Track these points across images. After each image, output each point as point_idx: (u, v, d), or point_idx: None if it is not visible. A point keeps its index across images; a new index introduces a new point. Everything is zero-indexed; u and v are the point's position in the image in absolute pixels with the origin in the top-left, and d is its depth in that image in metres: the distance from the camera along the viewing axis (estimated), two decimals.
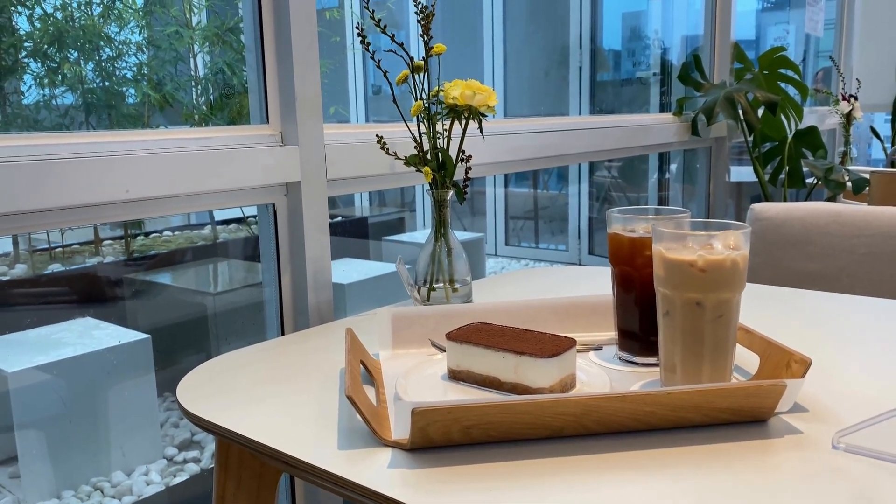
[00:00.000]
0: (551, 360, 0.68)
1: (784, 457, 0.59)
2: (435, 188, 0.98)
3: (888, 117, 4.12)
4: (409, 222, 5.11)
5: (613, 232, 0.80)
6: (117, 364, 1.98)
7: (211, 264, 2.82)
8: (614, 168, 4.73)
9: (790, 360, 0.68)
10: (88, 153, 0.85)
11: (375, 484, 0.56)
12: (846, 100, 2.94)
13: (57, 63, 2.45)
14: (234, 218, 3.25)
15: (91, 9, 2.56)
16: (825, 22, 3.62)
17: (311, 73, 1.05)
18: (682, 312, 0.67)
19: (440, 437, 0.60)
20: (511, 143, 1.50)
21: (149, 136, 0.92)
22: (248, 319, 2.43)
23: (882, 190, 1.91)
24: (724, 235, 0.67)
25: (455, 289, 1.00)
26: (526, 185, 5.31)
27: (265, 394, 0.75)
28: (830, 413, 0.66)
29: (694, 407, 0.62)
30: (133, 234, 2.88)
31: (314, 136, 1.07)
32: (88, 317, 2.18)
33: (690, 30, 4.11)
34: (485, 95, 0.96)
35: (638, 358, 0.79)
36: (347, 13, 4.65)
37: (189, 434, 2.21)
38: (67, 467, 1.91)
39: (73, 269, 2.59)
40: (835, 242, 1.43)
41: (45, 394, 1.86)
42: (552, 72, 4.98)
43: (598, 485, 0.55)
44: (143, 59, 2.71)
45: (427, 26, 0.94)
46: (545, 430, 0.61)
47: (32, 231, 0.96)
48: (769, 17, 5.34)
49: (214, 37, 2.83)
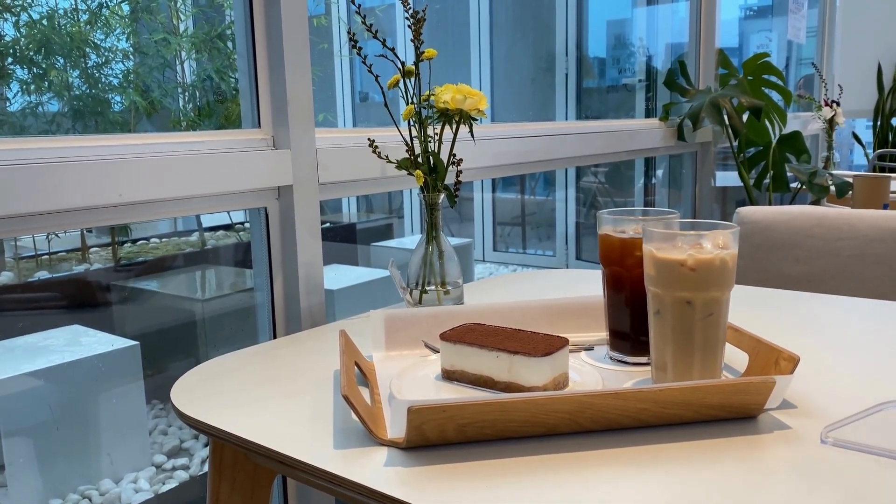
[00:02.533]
0: (544, 358, 0.68)
1: (774, 451, 0.60)
2: (426, 191, 0.99)
3: (869, 123, 4.18)
4: (398, 228, 5.12)
5: (604, 233, 0.81)
6: (105, 371, 1.97)
7: (199, 271, 2.81)
8: (601, 173, 4.76)
9: (778, 357, 0.69)
10: (82, 157, 0.85)
11: (372, 482, 0.56)
12: (829, 105, 2.98)
13: (43, 70, 2.44)
14: (222, 224, 3.24)
15: (78, 15, 2.55)
16: (807, 30, 3.67)
17: (302, 77, 1.06)
18: (672, 311, 0.68)
19: (435, 435, 0.61)
20: (499, 147, 1.51)
21: (142, 140, 0.92)
22: (236, 325, 2.42)
23: (865, 194, 1.94)
24: (714, 235, 0.68)
25: (447, 291, 1.01)
26: (513, 190, 5.33)
27: (260, 395, 0.75)
28: (818, 409, 0.67)
29: (685, 403, 0.63)
30: (120, 242, 2.87)
31: (306, 140, 1.07)
32: (76, 324, 2.17)
33: (674, 37, 4.16)
34: (475, 99, 0.97)
35: (629, 357, 0.80)
36: (334, 20, 4.66)
37: (178, 441, 2.20)
38: (55, 476, 1.89)
39: (60, 276, 2.57)
40: (819, 245, 1.45)
41: (32, 401, 1.85)
42: (539, 78, 5.01)
43: (594, 480, 0.56)
44: (130, 65, 2.70)
45: (418, 31, 0.95)
46: (539, 427, 0.62)
47: (27, 234, 0.96)
48: (752, 25, 5.40)
49: (202, 43, 2.83)
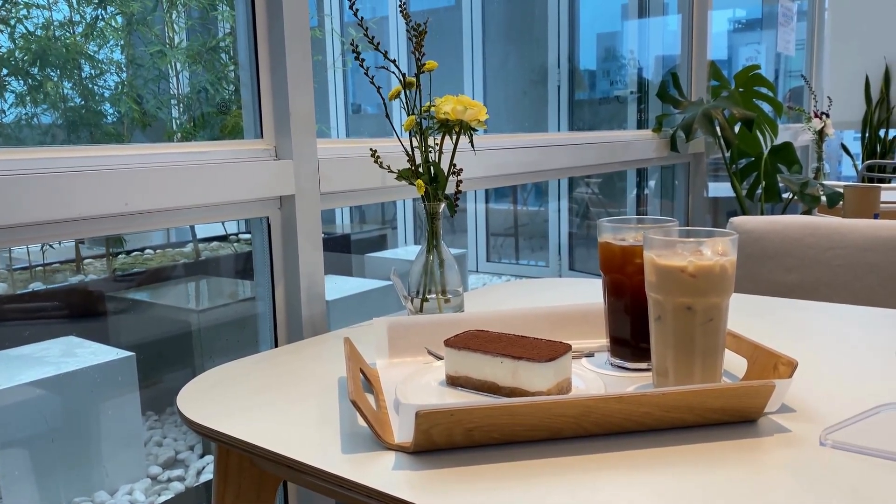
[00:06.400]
0: (548, 364, 0.69)
1: (774, 454, 0.61)
2: (427, 201, 1.00)
3: (857, 135, 4.23)
4: (391, 239, 5.12)
5: (604, 241, 0.82)
6: (101, 382, 1.97)
7: (194, 282, 2.81)
8: (593, 184, 4.79)
9: (777, 362, 0.71)
10: (89, 166, 0.86)
11: (383, 485, 0.57)
12: (818, 117, 3.02)
13: (39, 81, 2.44)
14: (217, 236, 3.24)
15: (73, 28, 2.56)
16: (795, 43, 3.72)
17: (304, 87, 1.07)
18: (673, 317, 0.69)
19: (443, 439, 0.62)
20: (497, 158, 1.53)
21: (147, 150, 0.93)
22: (232, 336, 2.42)
23: (856, 203, 1.97)
24: (713, 242, 0.69)
25: (447, 300, 1.02)
26: (506, 201, 5.35)
27: (265, 402, 0.76)
28: (816, 412, 0.68)
29: (687, 407, 0.64)
30: (114, 253, 2.86)
31: (308, 150, 1.08)
32: (71, 335, 2.16)
33: (665, 50, 4.20)
34: (475, 110, 0.98)
35: (630, 363, 0.81)
36: (328, 33, 4.68)
37: (173, 453, 2.19)
38: (50, 488, 1.88)
39: (54, 287, 2.57)
40: (812, 254, 1.47)
41: (27, 413, 1.84)
42: (531, 91, 5.04)
43: (600, 482, 0.57)
44: (125, 77, 2.71)
45: (420, 43, 0.97)
46: (545, 431, 0.63)
47: (34, 244, 0.97)
48: (740, 38, 5.46)
49: (197, 55, 2.84)
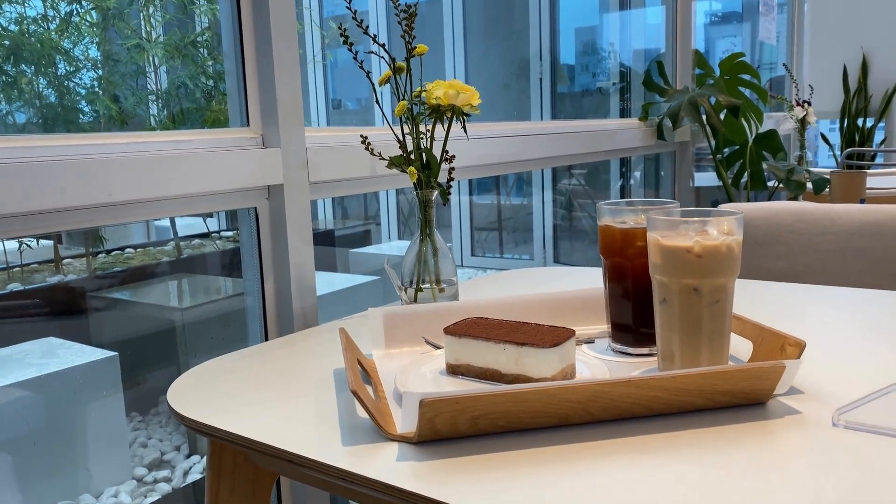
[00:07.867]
0: (553, 349, 0.68)
1: (786, 435, 0.60)
2: (420, 188, 0.98)
3: (833, 124, 4.27)
4: (375, 235, 5.09)
5: (604, 224, 0.80)
6: (83, 383, 1.92)
7: (176, 280, 2.76)
8: (577, 175, 4.78)
9: (784, 343, 0.70)
10: (70, 155, 0.83)
11: (387, 477, 0.55)
12: (800, 105, 3.04)
13: (13, 77, 2.39)
14: (198, 234, 3.19)
15: (48, 23, 2.50)
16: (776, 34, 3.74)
17: (291, 74, 1.05)
18: (679, 299, 0.67)
19: (447, 428, 0.60)
20: (487, 147, 1.51)
21: (130, 139, 0.90)
22: (217, 333, 2.38)
23: (842, 189, 1.97)
24: (718, 221, 0.68)
25: (441, 289, 1.00)
26: (490, 195, 5.34)
27: (259, 396, 0.74)
28: (826, 393, 0.67)
29: (697, 390, 0.62)
30: (94, 252, 2.81)
31: (295, 138, 1.06)
32: (52, 336, 2.12)
33: (646, 43, 4.21)
34: (468, 95, 0.96)
35: (632, 349, 0.80)
36: (308, 26, 4.63)
37: (159, 453, 2.15)
38: (33, 492, 1.84)
39: (34, 287, 2.51)
40: (801, 241, 1.46)
41: (8, 416, 1.79)
42: (513, 84, 5.03)
43: (609, 468, 0.55)
44: (101, 73, 2.65)
45: (410, 26, 0.94)
46: (551, 418, 0.61)
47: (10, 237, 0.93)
48: (717, 31, 5.48)
49: (175, 50, 2.79)
